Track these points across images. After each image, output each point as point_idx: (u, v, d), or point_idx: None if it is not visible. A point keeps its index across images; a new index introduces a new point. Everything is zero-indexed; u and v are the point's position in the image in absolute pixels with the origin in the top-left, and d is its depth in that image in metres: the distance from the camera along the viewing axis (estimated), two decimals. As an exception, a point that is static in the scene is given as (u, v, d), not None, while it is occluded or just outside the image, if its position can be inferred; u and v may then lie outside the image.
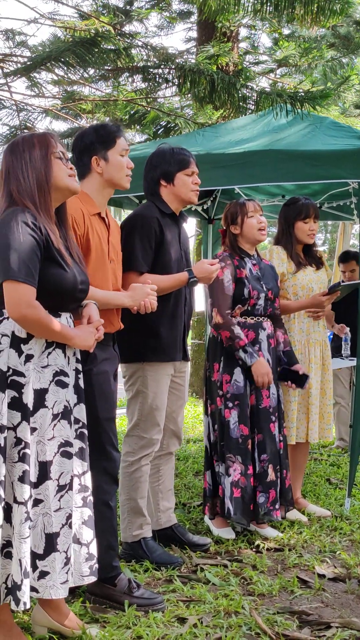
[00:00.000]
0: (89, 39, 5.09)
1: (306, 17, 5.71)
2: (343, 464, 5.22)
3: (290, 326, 3.88)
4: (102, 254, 2.69)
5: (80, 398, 2.37)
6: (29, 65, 5.34)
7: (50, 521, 2.18)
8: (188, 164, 3.21)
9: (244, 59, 10.40)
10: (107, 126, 2.80)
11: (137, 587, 2.67)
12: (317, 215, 3.93)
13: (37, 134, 2.32)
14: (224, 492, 3.43)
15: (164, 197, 3.21)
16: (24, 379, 2.16)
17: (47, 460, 2.19)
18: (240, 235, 3.60)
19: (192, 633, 2.44)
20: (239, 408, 3.44)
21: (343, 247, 7.96)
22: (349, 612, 2.70)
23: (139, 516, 3.11)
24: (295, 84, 8.88)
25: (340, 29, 10.57)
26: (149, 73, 5.90)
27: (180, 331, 3.20)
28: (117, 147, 2.77)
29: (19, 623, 2.48)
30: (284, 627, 2.53)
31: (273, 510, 3.45)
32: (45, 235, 2.18)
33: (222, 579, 2.96)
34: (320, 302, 3.77)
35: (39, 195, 2.23)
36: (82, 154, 2.77)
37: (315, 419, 3.83)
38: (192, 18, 11.06)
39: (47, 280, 2.18)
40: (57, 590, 2.18)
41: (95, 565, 2.34)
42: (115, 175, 2.77)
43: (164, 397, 3.16)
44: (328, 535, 3.56)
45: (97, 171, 2.76)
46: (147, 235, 3.06)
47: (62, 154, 2.31)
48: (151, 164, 3.24)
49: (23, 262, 2.10)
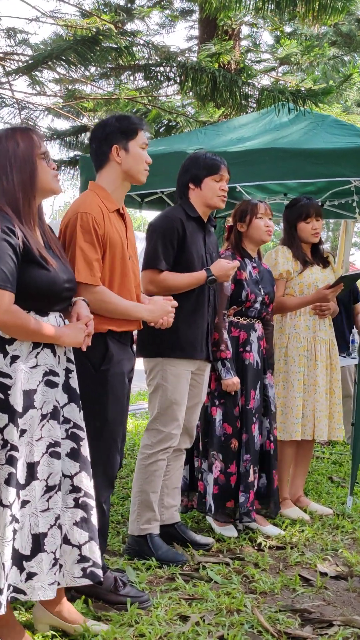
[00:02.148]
0: (91, 37, 5.09)
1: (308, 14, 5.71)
2: (345, 462, 5.22)
3: (297, 323, 3.86)
4: (122, 252, 2.67)
5: (72, 397, 2.34)
6: (31, 64, 5.34)
7: (37, 522, 2.16)
8: (217, 169, 3.24)
9: (246, 57, 10.39)
10: (130, 117, 2.77)
11: (123, 586, 2.67)
12: (319, 213, 3.93)
13: (19, 130, 2.27)
14: (206, 489, 3.46)
15: (192, 200, 3.26)
16: (10, 381, 2.14)
17: (35, 461, 2.17)
18: (245, 234, 3.61)
19: (194, 631, 2.44)
20: (224, 407, 3.45)
21: (345, 246, 7.95)
22: (351, 610, 2.70)
23: (149, 510, 3.12)
24: (297, 82, 8.87)
25: (342, 27, 10.56)
26: (150, 71, 5.90)
27: (203, 330, 3.20)
28: (138, 138, 2.73)
29: (22, 621, 2.49)
30: (286, 625, 2.53)
31: (252, 511, 3.46)
32: (22, 239, 2.15)
33: (224, 577, 2.97)
34: (324, 295, 3.76)
35: (23, 199, 2.20)
36: (102, 142, 2.72)
37: (322, 417, 3.80)
38: (194, 16, 11.06)
39: (30, 283, 2.17)
40: (45, 591, 2.16)
41: (90, 568, 2.29)
42: (133, 167, 2.73)
43: (184, 392, 3.17)
44: (330, 533, 3.56)
45: (117, 161, 2.71)
46: (169, 234, 3.11)
47: (45, 154, 2.28)
48: (184, 168, 3.30)
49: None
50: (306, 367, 3.82)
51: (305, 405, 3.81)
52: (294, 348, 3.83)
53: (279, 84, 8.94)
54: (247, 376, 3.49)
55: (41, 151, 2.27)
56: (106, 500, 2.66)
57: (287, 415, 3.80)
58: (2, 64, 5.84)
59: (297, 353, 3.81)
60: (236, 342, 3.51)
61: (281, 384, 3.84)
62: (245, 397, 3.49)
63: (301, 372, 3.80)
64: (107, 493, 2.67)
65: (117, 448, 2.66)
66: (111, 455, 2.64)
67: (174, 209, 3.27)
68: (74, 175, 8.09)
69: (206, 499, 3.45)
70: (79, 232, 2.55)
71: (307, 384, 3.81)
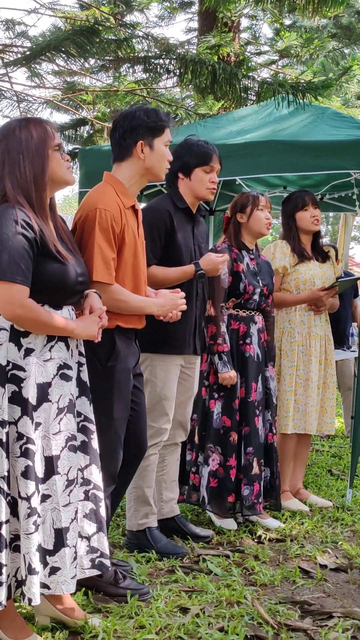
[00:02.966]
0: (89, 27, 5.06)
1: (308, 7, 5.70)
2: (345, 455, 5.23)
3: (292, 318, 3.87)
4: (135, 250, 2.66)
5: (83, 391, 2.35)
6: (29, 55, 5.32)
7: (59, 516, 2.17)
8: (209, 160, 3.16)
9: (246, 49, 10.36)
10: (159, 112, 2.70)
11: (123, 578, 2.67)
12: (316, 202, 3.90)
13: (33, 121, 2.25)
14: (201, 481, 3.46)
15: (180, 190, 3.18)
16: (24, 373, 2.13)
17: (54, 455, 2.18)
18: (245, 225, 3.59)
19: (194, 623, 2.45)
20: (223, 399, 3.45)
21: (345, 239, 7.94)
22: (351, 602, 2.71)
23: (145, 505, 3.12)
24: (296, 75, 8.85)
25: (341, 19, 10.52)
26: (150, 63, 5.88)
27: (191, 325, 3.18)
28: (164, 136, 2.69)
29: (22, 613, 2.49)
30: (286, 617, 2.54)
31: (257, 504, 3.46)
32: (38, 232, 2.14)
33: (224, 570, 2.97)
34: (319, 297, 3.78)
35: (35, 191, 2.19)
36: (127, 135, 2.65)
37: (312, 411, 3.81)
38: (193, 8, 11.02)
39: (46, 276, 2.16)
40: (68, 585, 2.18)
41: (98, 558, 2.32)
42: (156, 165, 2.69)
43: (173, 387, 3.15)
44: (330, 526, 3.56)
45: (140, 157, 2.66)
46: (156, 227, 3.04)
47: (59, 146, 2.27)
48: (175, 154, 3.13)
49: (14, 261, 2.07)
50: (301, 362, 3.82)
51: (299, 400, 3.82)
52: (288, 343, 3.83)
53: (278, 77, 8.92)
54: (247, 369, 3.49)
55: (55, 142, 2.25)
56: (108, 495, 2.67)
57: (279, 409, 3.80)
58: (1, 56, 5.82)
59: (290, 348, 3.82)
60: (236, 334, 3.51)
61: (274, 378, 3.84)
62: (246, 389, 3.49)
63: (294, 366, 3.80)
64: (109, 488, 2.67)
65: (120, 444, 2.66)
66: (115, 451, 2.64)
67: (162, 200, 3.17)
68: (73, 169, 8.08)
69: (199, 491, 3.45)
70: (97, 230, 2.51)
71: (302, 379, 3.81)
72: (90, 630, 2.36)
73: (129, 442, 2.75)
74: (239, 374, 3.48)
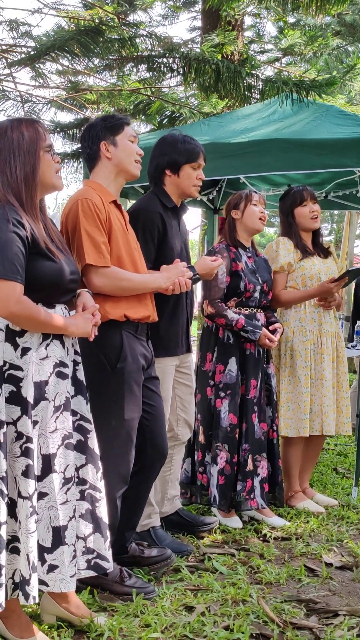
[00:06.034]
0: (93, 27, 5.07)
1: (311, 4, 5.69)
2: (350, 453, 5.22)
3: (302, 316, 3.80)
4: (125, 239, 2.68)
5: (79, 390, 2.34)
6: (34, 55, 5.33)
7: (57, 514, 2.17)
8: (197, 157, 3.14)
9: (249, 47, 10.35)
10: (115, 115, 2.80)
11: (129, 577, 2.67)
12: (314, 197, 3.87)
13: (25, 121, 2.26)
14: (209, 480, 3.47)
15: (167, 187, 3.16)
16: (22, 373, 2.14)
17: (51, 453, 2.18)
18: (239, 221, 3.59)
19: (199, 621, 2.45)
20: (230, 397, 3.45)
21: (349, 237, 7.93)
22: (357, 600, 2.70)
23: (148, 505, 3.12)
24: (300, 73, 8.83)
25: (345, 17, 10.50)
26: (153, 62, 5.88)
27: (182, 325, 3.19)
28: (125, 133, 2.75)
29: (28, 612, 2.50)
30: (292, 615, 2.54)
31: (249, 500, 3.45)
32: (29, 230, 2.15)
33: (230, 568, 2.97)
34: (329, 288, 3.71)
35: (25, 191, 2.20)
36: (91, 142, 2.75)
37: (329, 411, 3.73)
38: (197, 7, 11.01)
39: (38, 274, 2.17)
40: (66, 583, 2.18)
41: (94, 559, 2.31)
42: (125, 160, 2.74)
43: (169, 388, 3.15)
44: (335, 524, 3.56)
45: (107, 156, 2.73)
46: (149, 231, 3.01)
47: (50, 147, 2.28)
48: (160, 151, 3.15)
49: (8, 259, 2.08)
50: (313, 361, 3.75)
51: (313, 400, 3.75)
52: (300, 342, 3.75)
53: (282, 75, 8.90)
54: (247, 366, 3.50)
55: (46, 144, 2.26)
56: (120, 496, 2.67)
57: (295, 411, 3.73)
58: (5, 57, 5.83)
59: (303, 347, 3.74)
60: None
61: (287, 379, 3.77)
62: (245, 386, 3.49)
63: (308, 366, 3.73)
64: (121, 489, 2.67)
65: (132, 445, 2.66)
66: (126, 453, 2.64)
67: (150, 201, 3.12)
68: (77, 169, 8.09)
69: (210, 490, 3.46)
70: (82, 217, 2.56)
71: (314, 379, 3.74)
72: (96, 628, 2.37)
73: (145, 448, 2.75)
74: (240, 371, 3.48)
